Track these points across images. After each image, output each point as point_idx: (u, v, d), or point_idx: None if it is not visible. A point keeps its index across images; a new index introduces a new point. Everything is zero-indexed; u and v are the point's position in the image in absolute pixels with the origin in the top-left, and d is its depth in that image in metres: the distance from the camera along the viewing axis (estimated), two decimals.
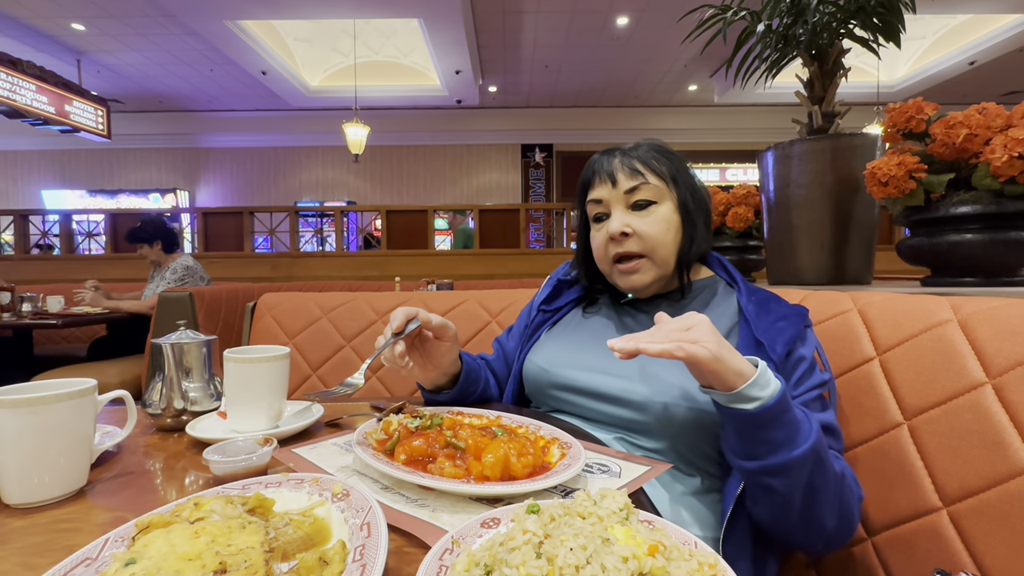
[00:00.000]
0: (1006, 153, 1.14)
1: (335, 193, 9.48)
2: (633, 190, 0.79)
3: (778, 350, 0.69)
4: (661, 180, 0.79)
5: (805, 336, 0.74)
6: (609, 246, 0.81)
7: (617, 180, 0.79)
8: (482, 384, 0.88)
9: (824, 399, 0.72)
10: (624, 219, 0.79)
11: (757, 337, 0.71)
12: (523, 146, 9.42)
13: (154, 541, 0.32)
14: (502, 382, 0.98)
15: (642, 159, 0.80)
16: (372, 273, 4.85)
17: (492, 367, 0.98)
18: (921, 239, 1.35)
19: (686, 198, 0.80)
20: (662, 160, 0.80)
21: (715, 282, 0.87)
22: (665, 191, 0.79)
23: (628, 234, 0.78)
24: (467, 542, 0.37)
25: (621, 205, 0.80)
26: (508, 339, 1.02)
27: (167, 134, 9.16)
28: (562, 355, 0.84)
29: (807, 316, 0.75)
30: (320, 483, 0.47)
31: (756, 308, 0.76)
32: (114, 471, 0.57)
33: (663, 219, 0.78)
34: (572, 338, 0.88)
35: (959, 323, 0.68)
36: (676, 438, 0.70)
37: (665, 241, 0.78)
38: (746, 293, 0.80)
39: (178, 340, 0.73)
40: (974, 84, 7.17)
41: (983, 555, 0.59)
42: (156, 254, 3.01)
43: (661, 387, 0.70)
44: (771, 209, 1.85)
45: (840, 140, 1.66)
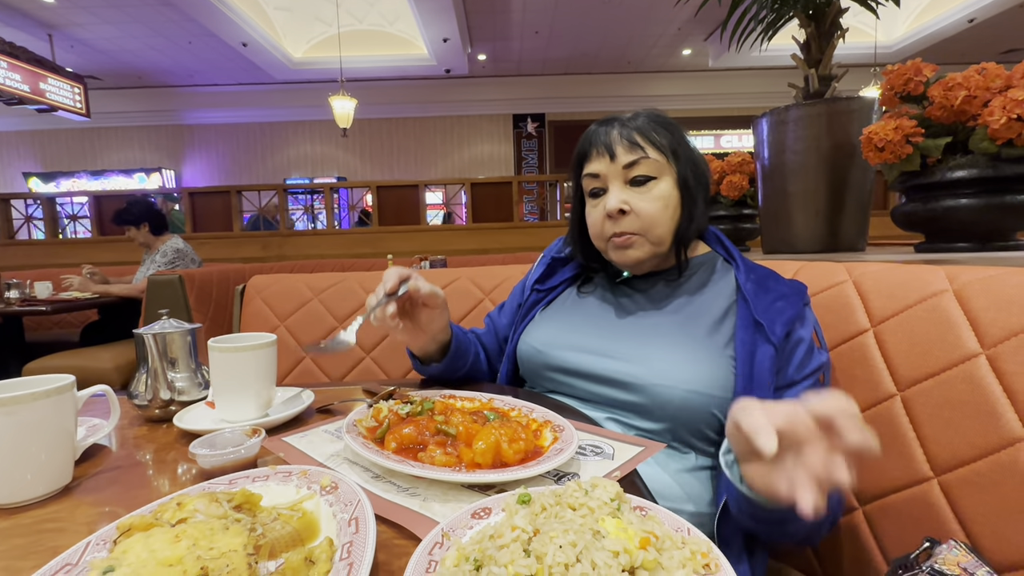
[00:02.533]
0: (1004, 115, 1.12)
1: (325, 169, 9.31)
2: (632, 165, 0.75)
3: (777, 332, 0.68)
4: (661, 154, 0.75)
5: (804, 316, 0.73)
6: (606, 224, 0.78)
7: (615, 154, 0.76)
8: (471, 358, 0.87)
9: (820, 384, 0.72)
10: (622, 196, 0.75)
11: (756, 318, 0.70)
12: (515, 116, 9.23)
13: (133, 546, 0.31)
14: (492, 357, 0.97)
15: (642, 131, 0.76)
16: (364, 251, 4.80)
17: (482, 342, 0.97)
18: (916, 205, 1.34)
19: (686, 173, 0.76)
20: (662, 132, 0.77)
21: (713, 258, 0.85)
22: (665, 166, 0.76)
23: (626, 212, 0.75)
24: (457, 535, 0.37)
25: (619, 180, 0.76)
26: (500, 315, 1.01)
27: (149, 111, 8.91)
28: (557, 336, 0.83)
29: (805, 293, 0.74)
30: (308, 476, 0.46)
31: (755, 287, 0.74)
32: (101, 466, 0.57)
33: (662, 196, 0.75)
34: (567, 319, 0.86)
35: (954, 293, 0.67)
36: (673, 420, 0.69)
37: (663, 219, 0.76)
38: (744, 271, 0.78)
39: (161, 330, 0.71)
40: (973, 42, 7.03)
41: (972, 523, 0.60)
42: (144, 236, 2.96)
43: (658, 369, 0.70)
44: (766, 176, 1.82)
45: (837, 104, 1.63)
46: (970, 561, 0.57)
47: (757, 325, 0.69)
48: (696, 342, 0.72)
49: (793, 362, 0.70)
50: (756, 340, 0.69)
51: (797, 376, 0.70)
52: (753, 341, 0.69)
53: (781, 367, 0.69)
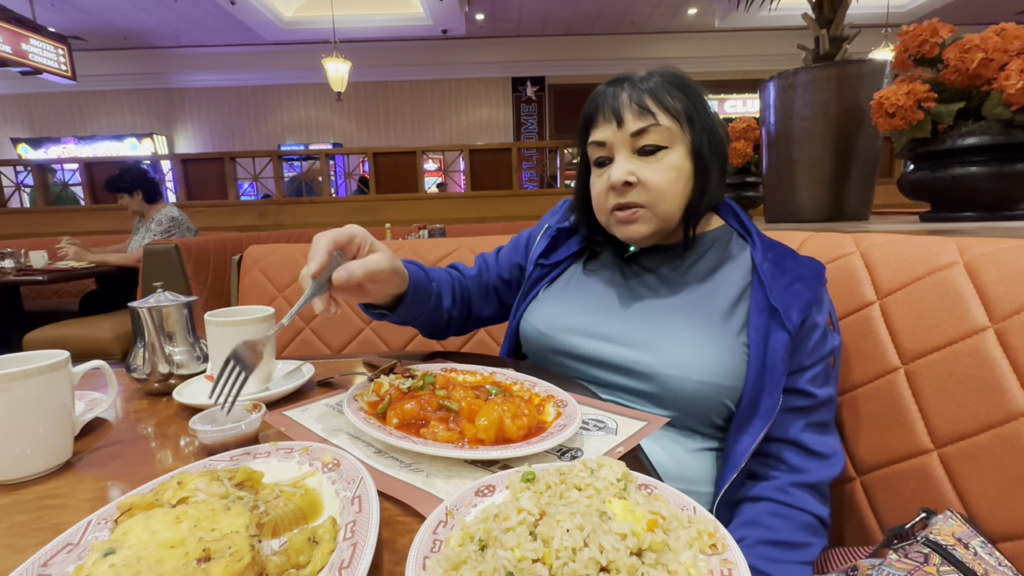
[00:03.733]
0: (1021, 79, 1.08)
1: (320, 135, 9.12)
2: (641, 132, 0.69)
3: (793, 318, 0.65)
4: (674, 120, 0.69)
5: (822, 299, 0.70)
6: (609, 195, 0.72)
7: (623, 119, 0.69)
8: (428, 309, 0.79)
9: (830, 368, 0.70)
10: (628, 166, 0.70)
11: (772, 303, 0.66)
12: (514, 79, 8.97)
13: (134, 528, 0.31)
14: (473, 301, 0.90)
15: (654, 93, 0.69)
16: (362, 219, 4.75)
17: (464, 283, 0.89)
18: (924, 173, 1.31)
19: (701, 142, 0.70)
20: (677, 95, 0.70)
21: (726, 233, 0.79)
22: (678, 134, 0.69)
23: (632, 183, 0.70)
24: (461, 513, 0.37)
25: (626, 149, 0.70)
26: (496, 262, 0.94)
27: (137, 74, 8.64)
28: (562, 318, 0.79)
29: (824, 274, 0.71)
30: (310, 452, 0.46)
31: (772, 267, 0.70)
32: (102, 440, 0.56)
33: (672, 167, 0.69)
34: (573, 298, 0.81)
35: (965, 266, 0.66)
36: (682, 409, 0.67)
37: (672, 193, 0.70)
38: (761, 249, 0.73)
39: (156, 303, 0.70)
40: (988, 1, 6.78)
41: (970, 495, 0.61)
42: (138, 204, 2.91)
43: (669, 358, 0.67)
44: (771, 143, 1.79)
45: (847, 67, 1.58)
46: (965, 531, 0.58)
47: (772, 310, 0.66)
48: (709, 328, 0.69)
49: (806, 348, 0.67)
50: (771, 326, 0.66)
51: (808, 361, 0.68)
52: (768, 327, 0.66)
53: (794, 352, 0.67)
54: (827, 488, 0.68)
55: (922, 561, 0.56)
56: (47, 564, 0.31)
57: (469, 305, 0.91)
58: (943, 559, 0.55)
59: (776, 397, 0.64)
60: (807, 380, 0.68)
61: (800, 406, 0.68)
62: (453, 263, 0.94)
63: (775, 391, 0.64)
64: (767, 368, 0.64)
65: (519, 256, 0.94)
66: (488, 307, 0.93)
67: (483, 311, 0.93)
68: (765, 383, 0.64)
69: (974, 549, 0.56)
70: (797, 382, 0.67)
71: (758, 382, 0.64)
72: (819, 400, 0.68)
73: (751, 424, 0.65)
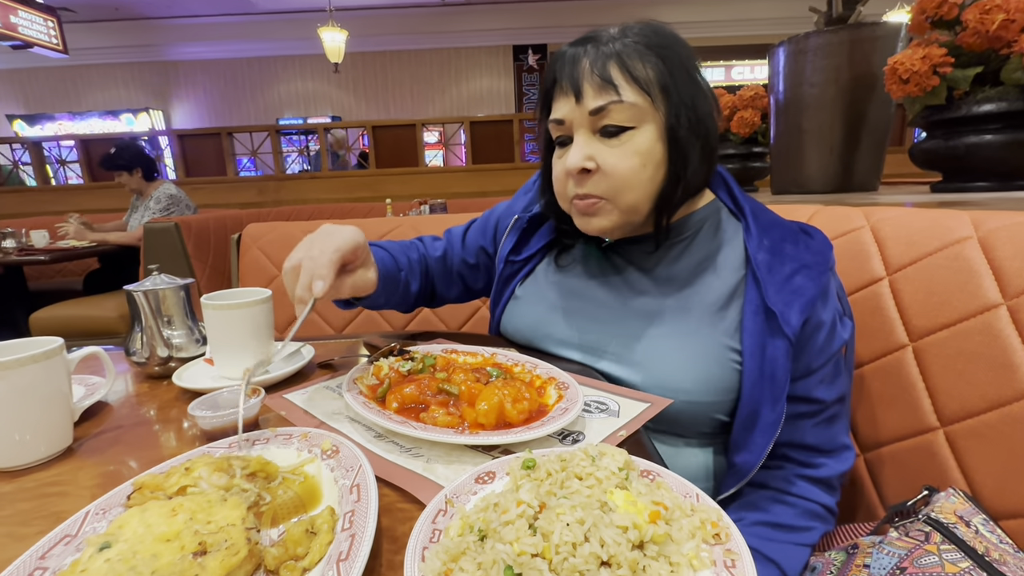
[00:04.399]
0: None
1: (318, 108, 8.96)
2: (601, 111, 0.58)
3: (793, 321, 0.56)
4: (643, 95, 0.57)
5: (827, 291, 0.61)
6: (568, 182, 0.63)
7: (583, 93, 0.58)
8: (397, 297, 0.76)
9: (840, 362, 0.63)
10: (587, 149, 0.60)
11: (768, 304, 0.58)
12: (515, 48, 8.73)
13: (129, 521, 0.31)
14: (436, 280, 0.86)
15: (622, 60, 0.57)
16: (363, 194, 4.70)
17: (427, 266, 0.84)
18: (937, 142, 1.28)
19: (677, 119, 0.58)
20: (651, 61, 0.58)
21: (715, 211, 0.68)
22: (647, 111, 0.58)
23: (590, 170, 0.60)
24: (461, 501, 0.36)
25: (585, 129, 0.60)
26: (463, 241, 0.87)
27: (130, 46, 8.45)
28: (540, 324, 0.73)
29: (831, 257, 0.61)
30: (309, 438, 0.45)
31: (768, 257, 0.60)
32: (102, 426, 0.56)
33: (638, 151, 0.58)
34: (549, 301, 0.74)
35: (979, 240, 0.64)
36: (667, 423, 0.62)
37: (636, 182, 0.59)
38: (756, 234, 0.62)
39: (153, 286, 0.69)
40: None
41: (975, 473, 0.60)
42: (136, 182, 2.88)
43: (654, 375, 0.61)
44: (780, 112, 1.74)
45: (860, 31, 1.52)
46: (967, 509, 0.58)
47: (769, 312, 0.58)
48: (697, 336, 0.61)
49: (812, 350, 0.60)
50: (767, 331, 0.58)
51: (816, 363, 0.60)
52: (763, 332, 0.58)
53: (797, 356, 0.59)
54: (836, 481, 0.64)
55: (923, 540, 0.56)
56: (45, 556, 0.31)
57: (433, 286, 0.86)
58: (944, 537, 0.55)
59: (779, 410, 0.58)
60: (815, 384, 0.61)
61: (807, 412, 0.62)
62: (420, 236, 0.88)
63: (777, 404, 0.58)
64: (765, 379, 0.58)
65: (487, 239, 0.86)
66: (453, 289, 0.88)
67: (447, 293, 0.88)
68: (764, 395, 0.58)
69: (975, 527, 0.56)
70: (803, 389, 0.61)
71: (755, 394, 0.58)
72: (828, 403, 0.62)
73: (752, 441, 0.59)
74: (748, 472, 0.60)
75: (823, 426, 0.63)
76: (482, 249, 0.87)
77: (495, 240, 0.86)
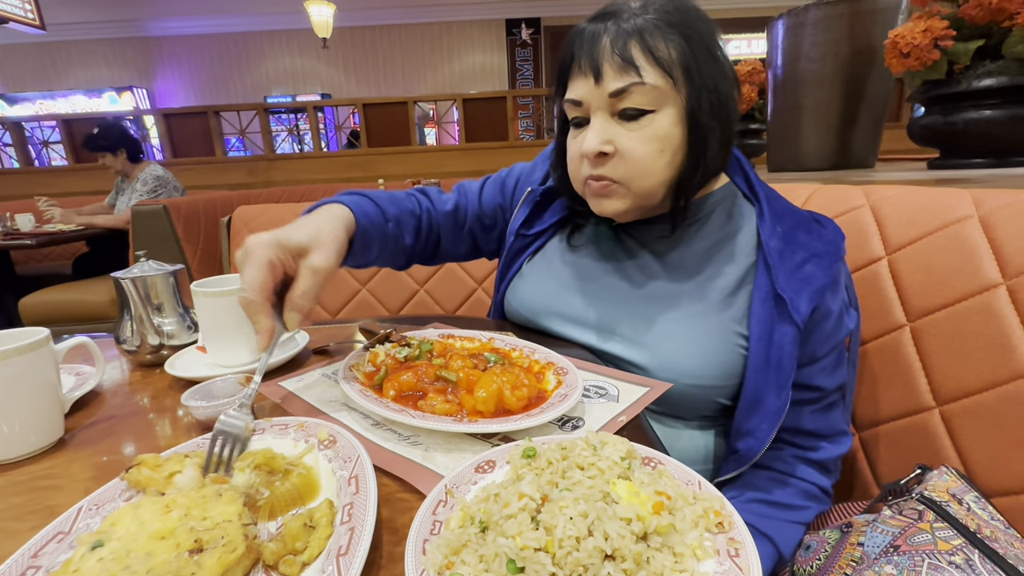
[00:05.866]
0: None
1: (307, 85, 8.75)
2: (621, 93, 0.56)
3: (802, 309, 0.56)
4: (665, 76, 0.55)
5: (838, 280, 0.60)
6: (583, 163, 0.61)
7: (602, 74, 0.56)
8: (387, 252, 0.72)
9: (843, 352, 0.64)
10: (604, 133, 0.58)
11: (778, 290, 0.57)
12: (507, 21, 8.52)
13: (122, 518, 0.30)
14: (442, 238, 0.81)
15: (644, 39, 0.55)
16: (355, 174, 4.63)
17: (431, 219, 0.79)
18: (935, 118, 1.26)
19: (699, 103, 0.56)
20: (675, 40, 0.55)
21: (730, 194, 0.67)
22: (668, 93, 0.56)
23: (608, 153, 0.58)
24: (461, 491, 0.36)
25: (604, 111, 0.58)
26: (479, 200, 0.83)
27: (111, 21, 8.17)
28: (548, 300, 0.72)
29: (842, 246, 0.61)
30: (306, 428, 0.45)
31: (780, 244, 0.59)
32: (94, 416, 0.56)
33: (658, 136, 0.57)
34: (558, 277, 0.73)
35: (980, 219, 0.63)
36: (670, 405, 0.62)
37: (654, 168, 0.58)
38: (770, 220, 0.62)
39: (141, 273, 0.67)
40: None
41: (969, 452, 0.61)
42: (121, 163, 2.82)
43: (661, 357, 0.61)
44: (777, 87, 1.71)
45: (861, 4, 1.49)
46: (959, 486, 0.58)
47: (778, 299, 0.58)
48: (705, 320, 0.61)
49: (817, 338, 0.60)
50: (775, 318, 0.58)
51: (820, 352, 0.61)
52: (771, 319, 0.58)
53: (803, 343, 0.59)
54: (833, 463, 0.65)
55: (916, 518, 0.56)
56: (37, 555, 0.30)
57: (437, 241, 0.82)
58: (937, 515, 0.56)
59: (784, 398, 0.58)
60: (817, 372, 0.62)
61: (807, 399, 0.63)
62: (422, 188, 0.83)
63: (782, 391, 0.58)
64: (771, 365, 0.58)
65: (506, 198, 0.83)
66: (461, 246, 0.84)
67: (455, 248, 0.84)
68: (770, 381, 0.58)
69: (967, 504, 0.57)
70: (805, 376, 0.61)
71: (758, 380, 0.58)
72: (828, 391, 0.63)
73: (756, 427, 0.59)
74: (751, 458, 0.60)
75: (821, 413, 0.64)
76: (499, 208, 0.83)
77: (513, 202, 0.83)
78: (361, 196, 0.69)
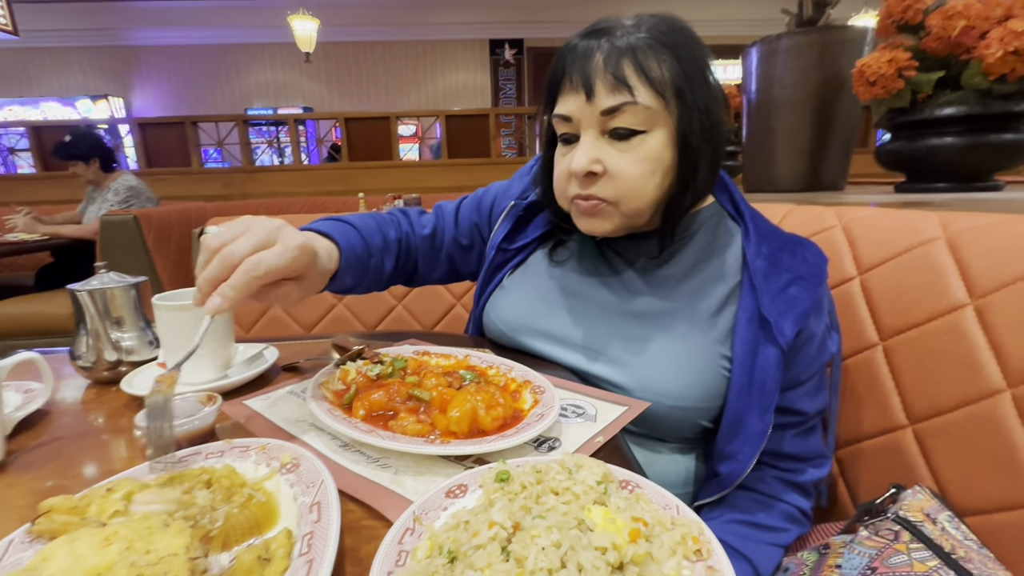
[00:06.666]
0: (1001, 47, 1.07)
1: (288, 98, 8.71)
2: (613, 111, 0.55)
3: (787, 331, 0.55)
4: (658, 97, 0.55)
5: (821, 303, 0.60)
6: (571, 181, 0.60)
7: (594, 91, 0.55)
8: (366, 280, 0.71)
9: (824, 376, 0.64)
10: (594, 152, 0.57)
11: (763, 312, 0.57)
12: (491, 42, 8.66)
13: (55, 553, 0.27)
14: (419, 263, 0.80)
15: (637, 58, 0.54)
16: (335, 188, 4.59)
17: (409, 244, 0.78)
18: (901, 143, 1.31)
19: (690, 125, 0.56)
20: (667, 60, 0.55)
21: (716, 213, 0.67)
22: (660, 114, 0.55)
23: (597, 173, 0.58)
24: (430, 518, 0.34)
25: (594, 129, 0.57)
26: (455, 221, 0.82)
27: (88, 29, 8.03)
28: (528, 316, 0.70)
29: (825, 269, 0.60)
30: (268, 450, 0.42)
31: (765, 265, 0.59)
32: (40, 438, 0.52)
33: (648, 157, 0.56)
34: (539, 293, 0.71)
35: (947, 241, 0.65)
36: (649, 427, 0.61)
37: (643, 189, 0.57)
38: (755, 240, 0.61)
39: (100, 285, 0.64)
40: None
41: (942, 471, 0.61)
42: (93, 172, 2.74)
43: (643, 379, 0.60)
44: (752, 112, 1.76)
45: (830, 34, 1.55)
46: (933, 506, 0.59)
47: (763, 321, 0.57)
48: (689, 341, 0.60)
49: (801, 362, 0.60)
50: (759, 339, 0.57)
51: (803, 376, 0.60)
52: (756, 340, 0.57)
53: (786, 367, 0.59)
54: (812, 486, 0.65)
55: (892, 539, 0.56)
56: None
57: (415, 266, 0.80)
58: (912, 536, 0.56)
59: (767, 421, 0.57)
60: (800, 396, 0.61)
61: (789, 423, 0.62)
62: (404, 209, 0.82)
63: (765, 413, 0.57)
64: (754, 387, 0.57)
65: (482, 218, 0.82)
66: (438, 270, 0.83)
67: (431, 273, 0.83)
68: (752, 404, 0.57)
69: (941, 524, 0.57)
70: (788, 400, 0.61)
71: (741, 402, 0.57)
72: (810, 416, 0.63)
73: (738, 450, 0.58)
74: (733, 481, 0.59)
75: (802, 437, 0.64)
76: (476, 227, 0.82)
77: (490, 221, 0.81)
78: (348, 225, 0.68)
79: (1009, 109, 1.13)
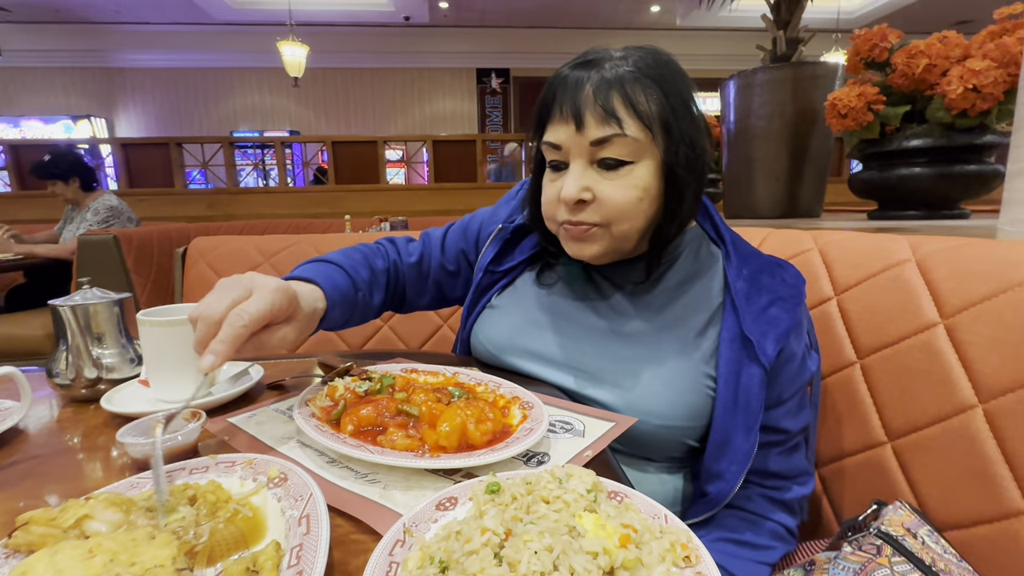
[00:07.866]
0: (961, 85, 1.14)
1: (276, 122, 8.75)
2: (603, 143, 0.57)
3: (769, 351, 0.57)
4: (645, 130, 0.56)
5: (801, 323, 0.62)
6: (560, 207, 0.62)
7: (584, 122, 0.57)
8: (357, 315, 0.72)
9: (805, 394, 0.65)
10: (583, 180, 0.59)
11: (745, 332, 0.58)
12: (478, 71, 8.87)
13: (35, 566, 0.27)
14: (407, 290, 0.81)
15: (626, 91, 0.56)
16: (321, 211, 4.59)
17: (397, 272, 0.79)
18: (872, 173, 1.37)
19: (676, 157, 0.58)
20: (655, 94, 0.57)
21: (697, 237, 0.69)
22: (647, 146, 0.57)
23: (586, 201, 0.59)
24: (420, 530, 0.34)
25: (583, 158, 0.59)
26: (441, 248, 0.83)
27: (72, 50, 8.02)
28: (515, 336, 0.71)
29: (803, 290, 0.62)
30: (254, 465, 0.42)
31: (747, 287, 0.61)
32: (14, 456, 0.50)
33: (636, 185, 0.58)
34: (526, 314, 0.72)
35: (917, 263, 0.68)
36: (636, 446, 0.62)
37: (633, 214, 0.59)
38: (736, 263, 0.63)
39: (83, 301, 0.63)
40: (927, 11, 7.18)
41: (921, 486, 0.63)
42: (73, 192, 2.70)
43: (629, 398, 0.61)
44: (731, 141, 1.82)
45: (803, 69, 1.63)
46: (913, 521, 0.60)
47: (745, 341, 0.58)
48: (674, 361, 0.61)
49: (783, 381, 0.61)
50: (743, 359, 0.58)
51: (785, 394, 0.62)
52: (739, 360, 0.58)
53: (769, 385, 0.60)
54: (797, 504, 0.66)
55: (875, 553, 0.57)
56: None
57: (403, 294, 0.81)
58: (894, 550, 0.57)
59: (752, 439, 0.58)
60: (783, 415, 0.62)
61: (773, 441, 0.63)
62: (391, 238, 0.83)
63: (750, 432, 0.58)
64: (739, 406, 0.58)
65: (469, 244, 0.83)
66: (424, 297, 0.84)
67: (418, 300, 0.84)
68: (738, 423, 0.58)
69: (922, 538, 0.58)
70: (771, 419, 0.62)
71: (727, 420, 0.59)
72: (793, 434, 0.64)
73: (725, 469, 0.59)
74: (721, 500, 0.60)
75: (786, 455, 0.64)
76: (463, 254, 0.83)
77: (477, 246, 0.83)
78: (334, 266, 0.68)
79: (971, 142, 1.19)
